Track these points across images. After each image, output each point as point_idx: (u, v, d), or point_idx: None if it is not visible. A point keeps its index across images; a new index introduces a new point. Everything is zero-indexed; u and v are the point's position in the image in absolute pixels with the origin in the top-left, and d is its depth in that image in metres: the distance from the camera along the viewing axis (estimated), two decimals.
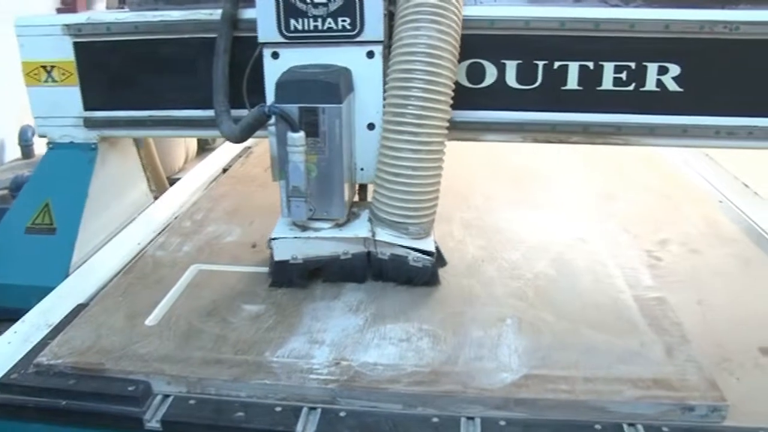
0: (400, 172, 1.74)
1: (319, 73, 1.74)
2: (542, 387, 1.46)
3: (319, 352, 1.58)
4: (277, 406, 1.46)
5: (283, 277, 1.84)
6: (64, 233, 2.13)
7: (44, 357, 1.59)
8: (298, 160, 1.70)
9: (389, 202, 1.78)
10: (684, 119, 1.87)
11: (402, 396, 1.46)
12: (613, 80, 1.85)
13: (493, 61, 1.88)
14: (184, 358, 1.57)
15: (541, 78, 1.88)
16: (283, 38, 1.78)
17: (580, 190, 2.57)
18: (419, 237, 1.81)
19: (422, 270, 1.82)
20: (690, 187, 2.66)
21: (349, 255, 1.83)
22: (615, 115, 1.89)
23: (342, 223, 1.85)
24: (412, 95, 1.69)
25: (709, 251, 2.11)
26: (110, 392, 1.49)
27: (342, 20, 1.74)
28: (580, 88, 1.87)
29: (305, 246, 1.82)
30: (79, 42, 2.07)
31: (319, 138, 1.72)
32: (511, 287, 1.86)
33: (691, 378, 1.46)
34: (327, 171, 1.76)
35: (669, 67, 1.82)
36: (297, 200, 1.75)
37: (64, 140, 2.20)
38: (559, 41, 1.84)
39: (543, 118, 1.93)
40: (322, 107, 1.70)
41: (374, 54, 1.79)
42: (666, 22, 1.79)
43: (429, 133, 1.72)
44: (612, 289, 1.85)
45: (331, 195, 1.80)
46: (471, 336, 1.64)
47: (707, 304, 1.81)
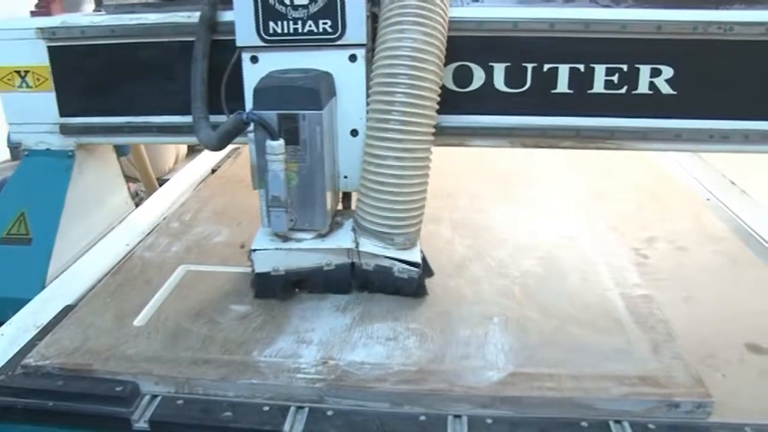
0: (385, 181, 1.69)
1: (299, 78, 1.68)
2: (529, 385, 1.46)
3: (307, 352, 1.58)
4: (265, 405, 1.47)
5: (266, 289, 1.79)
6: (41, 243, 2.06)
7: (32, 358, 1.58)
8: (277, 169, 1.65)
9: (373, 212, 1.73)
10: (677, 123, 1.83)
11: (389, 395, 1.46)
12: (604, 83, 1.80)
13: (480, 63, 1.83)
14: (172, 359, 1.57)
15: (530, 81, 1.82)
16: (262, 42, 1.73)
17: (567, 189, 2.58)
18: (405, 247, 1.77)
19: (408, 281, 1.77)
20: (678, 185, 2.67)
21: (332, 266, 1.79)
22: (607, 119, 1.84)
23: (325, 233, 1.80)
24: (396, 100, 1.64)
25: (697, 249, 2.12)
26: (98, 393, 1.49)
27: (323, 23, 1.70)
28: (570, 92, 1.82)
29: (287, 257, 1.77)
30: (53, 46, 2.01)
31: (299, 146, 1.67)
32: (498, 286, 1.87)
33: (677, 375, 1.47)
34: (308, 180, 1.71)
35: (662, 69, 1.77)
36: (277, 210, 1.70)
37: (39, 147, 2.15)
38: (548, 43, 1.79)
39: (533, 122, 1.87)
40: (302, 114, 1.65)
41: (357, 58, 1.74)
42: (658, 22, 1.74)
43: (414, 140, 1.67)
44: (599, 287, 1.85)
45: (313, 204, 1.74)
46: (458, 335, 1.64)
47: (694, 302, 1.82)
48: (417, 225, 1.78)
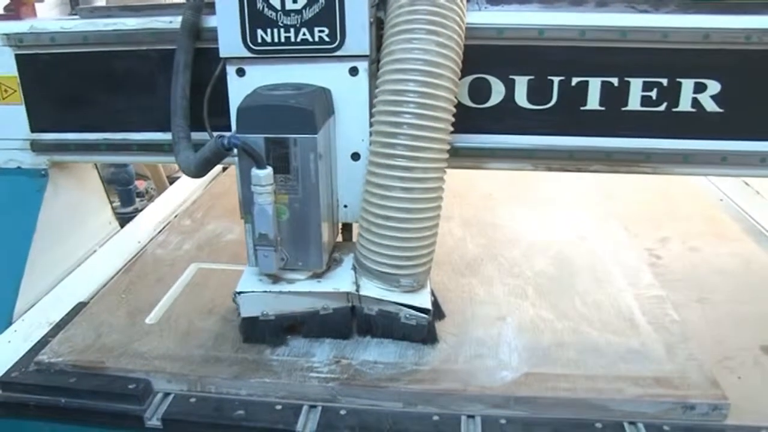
0: (390, 215, 1.47)
1: (290, 96, 1.47)
2: (543, 385, 1.46)
3: (320, 351, 1.58)
4: (278, 404, 1.46)
5: (254, 334, 1.60)
6: (9, 273, 1.86)
7: (45, 355, 1.59)
8: (264, 202, 1.45)
9: (377, 250, 1.52)
10: (724, 145, 1.62)
11: (402, 394, 1.46)
12: (641, 99, 1.59)
13: (500, 76, 1.62)
14: (185, 356, 1.57)
15: (556, 97, 1.62)
16: (249, 52, 1.52)
17: (579, 188, 2.56)
18: (412, 290, 1.57)
19: (417, 328, 1.57)
20: (690, 185, 2.65)
21: (329, 310, 1.58)
22: (643, 140, 1.63)
23: (321, 272, 1.60)
24: (405, 122, 1.43)
25: (710, 249, 2.11)
26: (111, 390, 1.49)
27: (319, 31, 1.48)
28: (602, 109, 1.61)
29: (277, 301, 1.57)
30: (21, 54, 1.79)
31: (290, 174, 1.47)
32: (511, 286, 1.86)
33: (692, 376, 1.46)
34: (301, 213, 1.50)
35: (707, 84, 1.56)
36: (265, 249, 1.49)
37: (9, 166, 1.92)
38: (578, 53, 1.58)
39: (558, 143, 1.66)
40: (293, 138, 1.44)
41: (358, 71, 1.53)
42: (705, 31, 1.52)
43: (425, 168, 1.46)
44: (612, 287, 1.84)
45: (307, 241, 1.54)
46: (471, 334, 1.64)
47: (708, 303, 1.81)
48: (426, 265, 1.58)
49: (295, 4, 1.47)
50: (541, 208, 2.38)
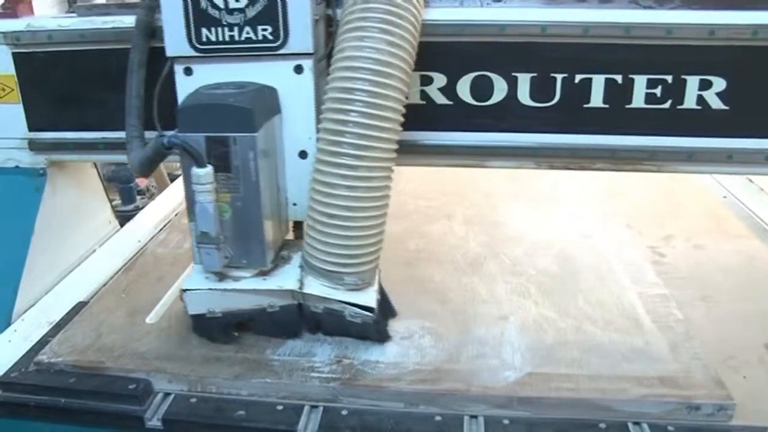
0: (334, 213, 1.46)
1: (230, 94, 1.46)
2: (546, 385, 1.44)
3: (321, 350, 1.57)
4: (279, 404, 1.46)
5: (204, 331, 1.61)
6: (7, 274, 1.85)
7: (44, 355, 1.58)
8: (205, 201, 1.45)
9: (321, 248, 1.51)
10: (729, 143, 1.60)
11: (404, 394, 1.45)
12: (645, 96, 1.57)
13: (502, 73, 1.60)
14: (185, 356, 1.56)
15: (559, 94, 1.60)
16: (195, 51, 1.52)
17: (582, 185, 2.55)
18: (357, 288, 1.55)
19: (363, 326, 1.57)
20: (693, 182, 2.63)
21: (276, 308, 1.57)
22: (647, 138, 1.61)
23: (267, 270, 1.59)
24: (351, 120, 1.41)
25: (714, 247, 2.10)
26: (111, 390, 1.49)
27: (262, 29, 1.47)
28: (606, 106, 1.59)
29: (223, 298, 1.56)
30: (18, 53, 1.78)
31: (231, 173, 1.47)
32: (513, 284, 1.85)
33: (696, 376, 1.45)
34: (243, 212, 1.50)
35: (713, 81, 1.54)
36: (207, 247, 1.48)
37: (7, 165, 1.91)
38: (581, 50, 1.56)
39: (561, 141, 1.64)
40: (233, 137, 1.44)
41: (303, 69, 1.51)
42: (711, 27, 1.49)
43: (370, 167, 1.44)
44: (616, 285, 1.83)
45: (250, 240, 1.53)
46: (473, 333, 1.63)
47: (712, 301, 1.80)
48: (372, 263, 1.56)
49: (237, 2, 1.47)
50: (543, 206, 2.37)
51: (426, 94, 1.64)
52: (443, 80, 1.62)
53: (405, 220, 2.27)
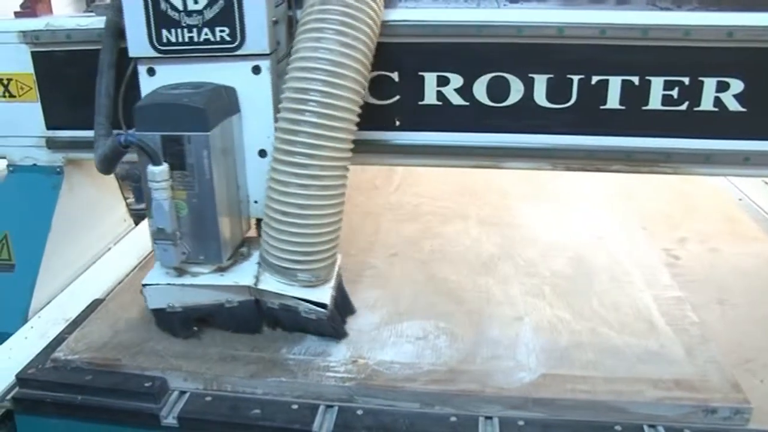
0: (288, 210, 1.48)
1: (186, 95, 1.49)
2: (561, 387, 1.44)
3: (336, 350, 1.57)
4: (294, 403, 1.46)
5: (165, 325, 1.64)
6: (24, 270, 1.87)
7: (61, 352, 1.59)
8: (161, 198, 1.47)
9: (276, 245, 1.53)
10: (746, 145, 1.59)
11: (419, 395, 1.45)
12: (662, 98, 1.57)
13: (519, 75, 1.60)
14: (201, 355, 1.57)
15: (576, 95, 1.60)
16: (156, 52, 1.54)
17: (595, 186, 2.55)
18: (311, 285, 1.56)
19: (318, 323, 1.58)
20: (708, 184, 2.62)
21: (234, 303, 1.60)
22: (664, 140, 1.61)
23: (225, 266, 1.61)
24: (305, 120, 1.43)
25: (729, 250, 2.09)
26: (127, 388, 1.50)
27: (220, 31, 1.50)
28: (622, 108, 1.59)
29: (182, 294, 1.58)
30: (37, 51, 1.80)
31: (187, 171, 1.49)
32: (528, 285, 1.85)
33: (712, 379, 1.45)
34: (199, 209, 1.52)
35: (730, 83, 1.53)
36: (164, 243, 1.51)
37: (25, 163, 1.94)
38: (598, 52, 1.56)
39: (577, 142, 1.64)
40: (187, 136, 1.46)
41: (261, 69, 1.54)
42: (729, 28, 1.49)
43: (323, 166, 1.46)
44: (630, 288, 1.83)
45: (207, 236, 1.55)
46: (488, 334, 1.63)
47: (727, 304, 1.79)
48: (326, 260, 1.57)
49: (196, 4, 1.50)
50: (557, 207, 2.37)
51: (442, 94, 1.64)
52: (460, 81, 1.63)
53: (420, 221, 2.28)
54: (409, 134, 1.70)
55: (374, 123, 1.65)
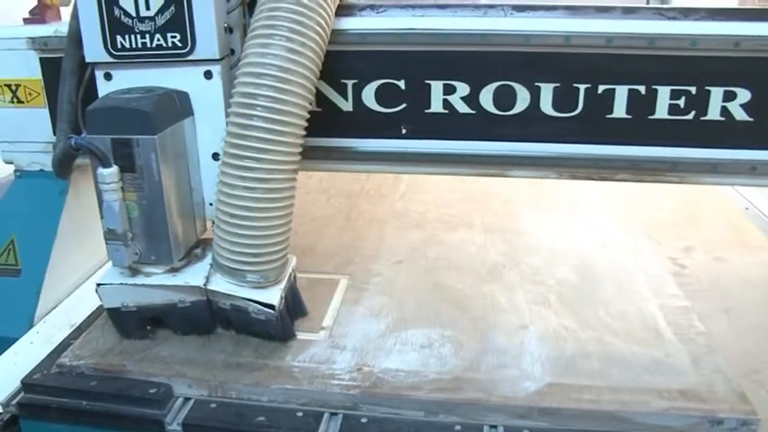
0: (236, 213, 1.51)
1: (135, 99, 1.53)
2: (566, 396, 1.44)
3: (341, 358, 1.57)
4: (299, 411, 1.46)
5: (120, 325, 1.66)
6: (30, 275, 1.88)
7: (66, 358, 1.59)
8: (111, 199, 1.52)
9: (225, 246, 1.55)
10: (753, 154, 1.60)
11: (424, 403, 1.44)
12: (668, 108, 1.57)
13: (525, 83, 1.60)
14: (206, 361, 1.57)
15: (582, 104, 1.60)
16: (111, 57, 1.58)
17: (601, 194, 2.54)
18: (260, 286, 1.58)
19: (267, 323, 1.59)
20: (714, 192, 2.62)
21: (187, 303, 1.62)
22: (670, 149, 1.62)
23: (178, 267, 1.64)
24: (253, 125, 1.45)
25: (735, 259, 2.08)
26: (131, 394, 1.49)
27: (171, 36, 1.54)
28: (628, 117, 1.60)
29: (135, 293, 1.61)
30: (45, 58, 1.82)
31: (136, 173, 1.52)
32: (533, 293, 1.84)
33: (719, 390, 1.44)
34: (149, 210, 1.56)
35: (737, 93, 1.54)
36: (114, 244, 1.55)
37: (33, 168, 1.94)
38: (605, 61, 1.56)
39: (583, 151, 1.65)
40: (135, 139, 1.50)
41: (212, 74, 1.59)
42: (736, 38, 1.50)
43: (270, 169, 1.48)
44: (636, 296, 1.82)
45: (157, 237, 1.59)
46: (493, 343, 1.62)
47: (734, 313, 1.78)
48: (275, 262, 1.59)
49: (148, 11, 1.54)
50: (563, 215, 2.36)
51: (449, 103, 1.65)
52: (466, 89, 1.63)
53: (425, 228, 2.28)
54: (415, 142, 1.70)
55: (380, 131, 1.68)
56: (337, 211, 2.43)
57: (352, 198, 2.54)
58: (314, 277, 1.91)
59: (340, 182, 2.70)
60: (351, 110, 1.68)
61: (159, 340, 1.65)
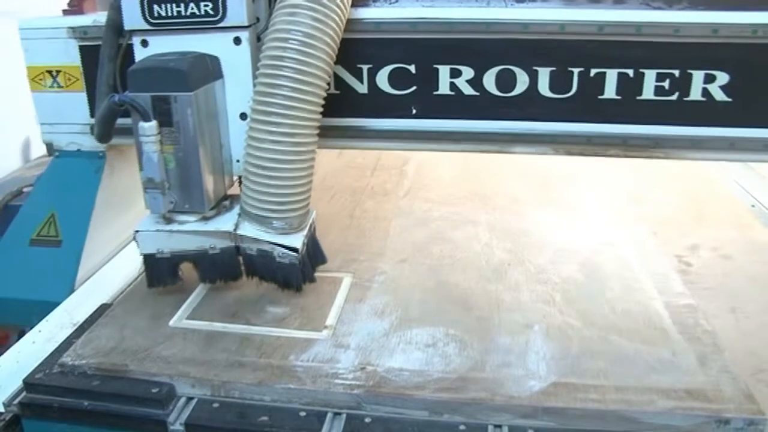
0: (263, 164, 1.65)
1: (171, 60, 1.66)
2: (572, 396, 1.42)
3: (345, 357, 1.56)
4: (302, 410, 1.45)
5: (154, 272, 1.79)
6: (70, 246, 2.04)
7: (68, 357, 1.58)
8: (150, 150, 1.64)
9: (254, 195, 1.69)
10: (731, 132, 1.75)
11: (428, 402, 1.43)
12: (654, 89, 1.72)
13: (524, 67, 1.76)
14: (208, 361, 1.56)
15: (576, 86, 1.75)
16: (148, 25, 1.72)
17: (606, 192, 2.53)
18: (285, 232, 1.73)
19: (290, 267, 1.75)
20: (719, 190, 2.61)
21: (217, 249, 1.76)
22: (656, 127, 1.77)
23: (209, 216, 1.77)
24: (281, 84, 1.60)
25: (742, 257, 2.06)
26: (134, 394, 1.48)
27: (204, 5, 1.68)
28: (618, 98, 1.75)
29: (170, 239, 1.75)
30: (85, 45, 1.99)
31: (173, 128, 1.66)
32: (538, 292, 1.83)
33: (726, 389, 1.42)
34: (185, 162, 1.69)
35: (716, 75, 1.69)
36: (152, 192, 1.68)
37: (70, 148, 2.12)
38: (596, 47, 1.71)
39: (578, 129, 1.81)
40: (173, 96, 1.63)
41: (241, 40, 1.72)
42: (715, 25, 1.65)
43: (294, 125, 1.62)
44: (642, 295, 1.81)
45: (191, 187, 1.72)
46: (498, 342, 1.61)
47: (741, 312, 1.77)
48: (298, 210, 1.73)
49: None
50: (568, 213, 2.35)
51: (455, 85, 1.81)
52: (471, 73, 1.79)
53: (430, 226, 2.27)
54: (424, 121, 1.87)
55: (393, 112, 1.86)
56: (341, 209, 2.42)
57: (356, 195, 2.53)
58: (318, 275, 1.90)
59: (344, 180, 2.70)
60: (366, 92, 1.85)
61: (161, 339, 1.64)
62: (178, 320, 1.72)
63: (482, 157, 2.00)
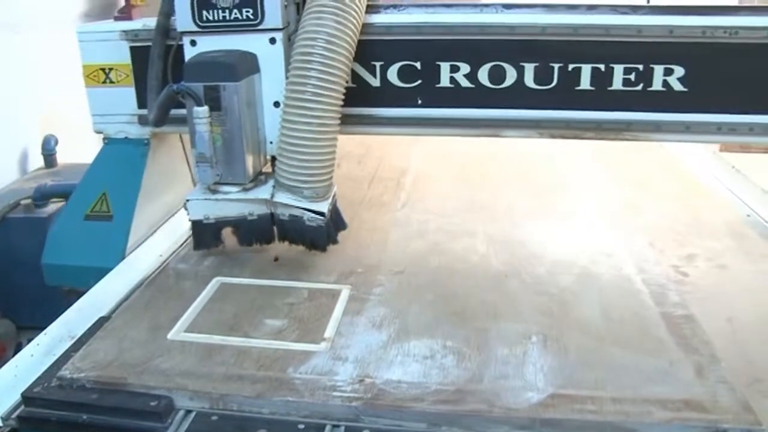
0: (296, 142, 1.92)
1: (221, 56, 1.96)
2: (569, 407, 1.43)
3: (343, 369, 1.56)
4: (300, 423, 1.45)
5: (200, 236, 2.08)
6: (120, 220, 2.33)
7: (67, 370, 1.58)
8: (202, 130, 1.92)
9: (287, 169, 1.97)
10: (688, 117, 2.04)
11: (427, 415, 1.44)
12: (622, 81, 2.01)
13: (512, 63, 2.05)
14: (207, 374, 1.56)
15: (556, 79, 2.04)
16: (197, 27, 1.99)
17: (602, 202, 2.55)
18: (314, 200, 2.00)
19: (317, 229, 2.02)
20: (717, 200, 2.62)
21: (254, 216, 2.05)
22: (625, 113, 2.06)
23: (248, 188, 2.04)
24: (311, 75, 1.88)
25: (738, 267, 2.07)
26: (132, 407, 1.48)
27: (246, 11, 1.95)
28: (592, 89, 2.03)
29: (215, 207, 2.04)
30: (135, 46, 2.26)
31: (221, 112, 1.93)
32: (535, 303, 1.84)
33: (723, 399, 1.43)
34: (230, 141, 1.97)
35: (674, 69, 1.98)
36: (203, 165, 1.96)
37: (119, 136, 2.39)
38: (573, 45, 2.00)
39: (558, 115, 2.10)
40: (222, 85, 1.91)
41: (276, 40, 2.00)
42: (670, 27, 1.94)
43: (322, 109, 1.90)
44: (638, 305, 1.82)
45: (234, 162, 2.00)
46: (496, 353, 1.62)
47: (737, 322, 1.77)
48: (325, 181, 2.01)
49: None
50: (565, 224, 2.36)
51: (454, 79, 2.10)
52: (467, 68, 2.08)
53: (427, 238, 2.28)
54: (428, 110, 2.16)
55: (401, 102, 2.15)
56: None
57: (353, 207, 2.53)
58: (316, 288, 1.91)
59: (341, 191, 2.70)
60: (378, 86, 2.14)
61: (160, 351, 1.64)
62: (176, 333, 1.72)
63: (479, 167, 2.03)
